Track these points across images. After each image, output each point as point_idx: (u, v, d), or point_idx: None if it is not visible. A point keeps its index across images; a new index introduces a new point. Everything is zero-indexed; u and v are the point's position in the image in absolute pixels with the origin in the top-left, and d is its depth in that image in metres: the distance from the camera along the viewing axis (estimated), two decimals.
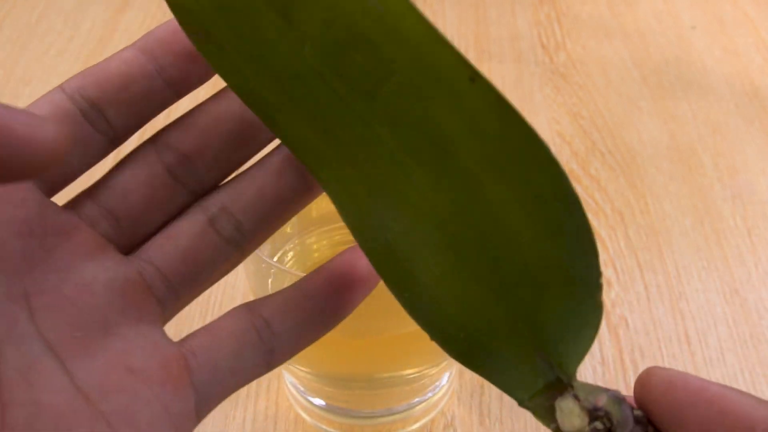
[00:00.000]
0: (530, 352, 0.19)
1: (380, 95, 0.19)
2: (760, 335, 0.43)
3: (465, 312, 0.20)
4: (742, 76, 0.61)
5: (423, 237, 0.19)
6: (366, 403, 0.38)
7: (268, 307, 0.22)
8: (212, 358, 0.21)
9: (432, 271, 0.20)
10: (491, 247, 0.19)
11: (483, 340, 0.20)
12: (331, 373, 0.37)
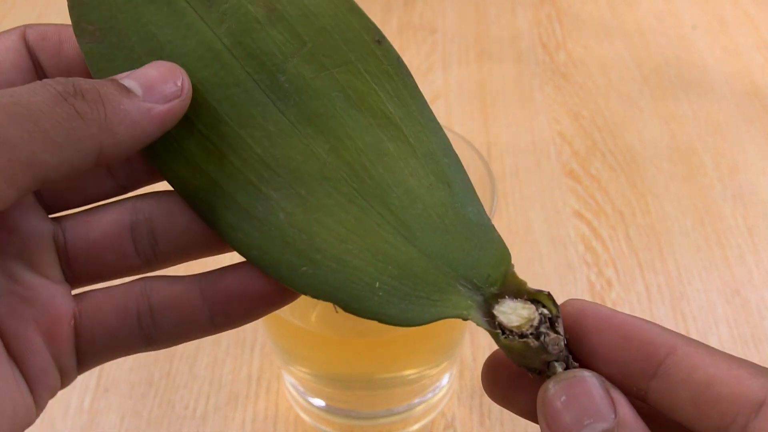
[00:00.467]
0: (450, 282, 0.21)
1: (289, 68, 0.21)
2: (762, 335, 0.43)
3: (376, 261, 0.21)
4: (742, 75, 0.61)
5: (323, 200, 0.21)
6: (366, 403, 0.38)
7: (158, 295, 0.22)
8: (94, 328, 0.21)
9: (333, 230, 0.21)
10: (394, 197, 0.21)
11: (398, 286, 0.21)
12: (331, 374, 0.37)
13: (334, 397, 0.38)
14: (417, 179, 0.21)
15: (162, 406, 0.40)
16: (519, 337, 0.21)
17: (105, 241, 0.21)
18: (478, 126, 0.56)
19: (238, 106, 0.21)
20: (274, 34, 0.21)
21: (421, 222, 0.21)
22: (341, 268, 0.21)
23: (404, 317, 0.21)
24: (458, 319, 0.22)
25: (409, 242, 0.21)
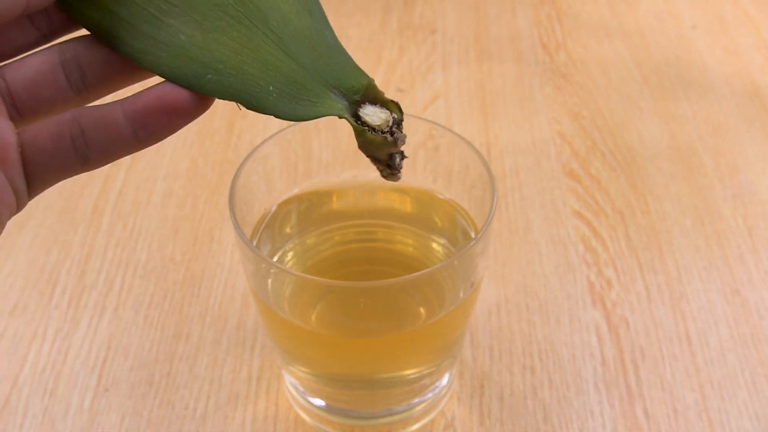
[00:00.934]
0: (323, 90, 0.27)
1: None
2: (761, 335, 0.43)
3: (266, 70, 0.26)
4: (742, 75, 0.61)
5: (215, 23, 0.25)
6: (366, 403, 0.38)
7: (88, 118, 0.25)
8: (35, 154, 0.25)
9: (229, 45, 0.25)
10: (272, 20, 0.26)
11: (286, 89, 0.26)
12: (331, 374, 0.37)
13: (334, 396, 0.38)
14: (287, 5, 0.26)
15: (162, 406, 0.40)
16: (380, 134, 0.27)
17: (40, 78, 0.25)
18: (478, 126, 0.56)
19: None
20: None
21: (295, 40, 0.26)
22: (240, 75, 0.25)
23: (294, 114, 0.26)
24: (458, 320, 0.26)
25: (289, 56, 0.26)
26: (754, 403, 0.40)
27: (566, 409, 0.40)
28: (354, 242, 0.33)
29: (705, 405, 0.40)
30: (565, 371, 0.41)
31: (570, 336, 0.43)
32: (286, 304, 0.35)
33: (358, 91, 0.27)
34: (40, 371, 0.41)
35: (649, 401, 0.40)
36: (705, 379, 0.41)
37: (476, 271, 0.33)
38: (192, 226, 0.49)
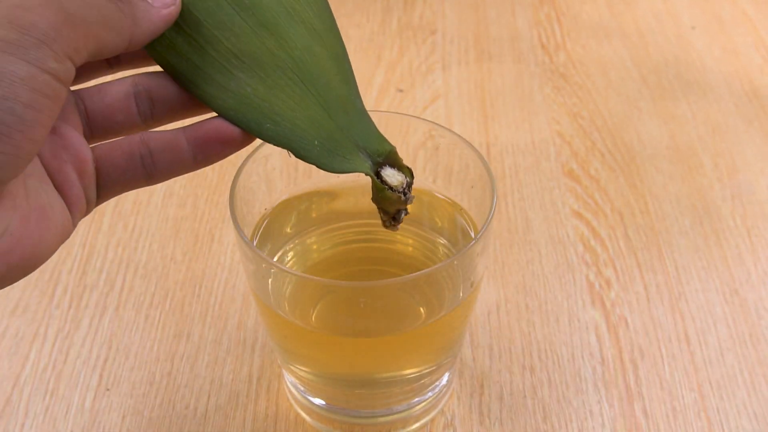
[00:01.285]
0: (355, 149, 0.31)
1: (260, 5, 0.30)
2: (760, 335, 0.43)
3: (314, 127, 0.30)
4: (741, 75, 0.61)
5: (276, 81, 0.30)
6: (366, 402, 0.38)
7: (156, 141, 0.29)
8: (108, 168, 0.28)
9: (285, 101, 0.30)
10: (320, 85, 0.30)
11: (327, 145, 0.30)
12: (331, 374, 0.37)
13: (334, 396, 0.38)
14: (332, 75, 0.30)
15: (163, 405, 0.40)
16: (396, 192, 0.31)
17: (115, 104, 0.29)
18: (478, 126, 0.56)
19: (213, 15, 0.29)
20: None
21: (335, 104, 0.30)
22: (293, 127, 0.29)
23: (332, 167, 0.30)
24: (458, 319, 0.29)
25: (330, 117, 0.30)
26: (753, 403, 0.40)
27: (566, 408, 0.40)
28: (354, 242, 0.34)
29: (704, 404, 0.40)
30: (565, 371, 0.41)
31: (569, 335, 0.43)
32: (286, 304, 0.35)
33: (382, 155, 0.31)
34: (41, 371, 0.42)
35: (648, 400, 0.40)
36: (704, 379, 0.41)
37: (476, 270, 0.34)
38: (192, 226, 0.49)
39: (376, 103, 0.57)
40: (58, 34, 0.24)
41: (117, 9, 0.26)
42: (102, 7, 0.25)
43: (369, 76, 0.60)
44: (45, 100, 0.24)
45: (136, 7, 0.27)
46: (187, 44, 0.29)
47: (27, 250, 0.25)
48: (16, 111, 0.23)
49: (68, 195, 0.27)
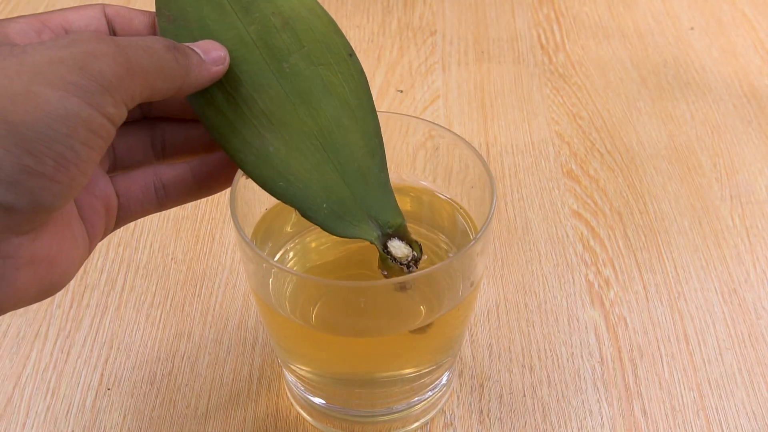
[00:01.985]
0: (365, 218, 0.32)
1: (290, 60, 0.32)
2: (758, 335, 0.43)
3: (326, 191, 0.31)
4: (740, 76, 0.61)
5: (299, 145, 0.32)
6: (366, 402, 0.38)
7: (167, 175, 0.32)
8: (128, 201, 0.32)
9: (303, 164, 0.31)
10: (342, 154, 0.32)
11: (336, 210, 0.31)
12: (331, 373, 0.37)
13: (334, 395, 0.38)
14: (357, 147, 0.32)
15: (164, 404, 0.40)
16: (399, 264, 0.32)
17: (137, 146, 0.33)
18: (478, 126, 0.57)
19: (253, 77, 0.32)
20: (284, 37, 0.32)
21: (355, 174, 0.32)
22: (304, 189, 0.31)
23: (336, 230, 0.31)
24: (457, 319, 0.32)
25: (346, 185, 0.32)
26: (752, 402, 0.40)
27: (565, 407, 0.40)
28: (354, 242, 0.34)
29: (702, 404, 0.40)
30: (564, 370, 0.41)
31: (569, 335, 0.43)
32: (286, 304, 0.35)
33: (392, 227, 0.32)
34: (42, 370, 0.42)
35: (647, 400, 0.40)
36: (703, 378, 0.41)
37: (476, 270, 0.34)
38: (193, 226, 0.49)
39: (376, 103, 0.57)
40: (120, 84, 0.26)
41: (174, 59, 0.28)
42: (161, 58, 0.27)
43: (369, 76, 0.60)
44: (98, 140, 0.26)
45: (191, 59, 0.29)
46: (224, 100, 0.31)
47: (57, 275, 0.28)
48: (75, 147, 0.25)
49: (92, 225, 0.30)
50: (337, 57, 0.32)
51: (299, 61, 0.32)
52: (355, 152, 0.32)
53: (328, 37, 0.33)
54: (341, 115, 0.32)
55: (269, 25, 0.32)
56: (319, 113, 0.32)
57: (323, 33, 0.33)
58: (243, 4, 0.32)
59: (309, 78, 0.32)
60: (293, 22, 0.32)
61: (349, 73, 0.33)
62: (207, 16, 0.32)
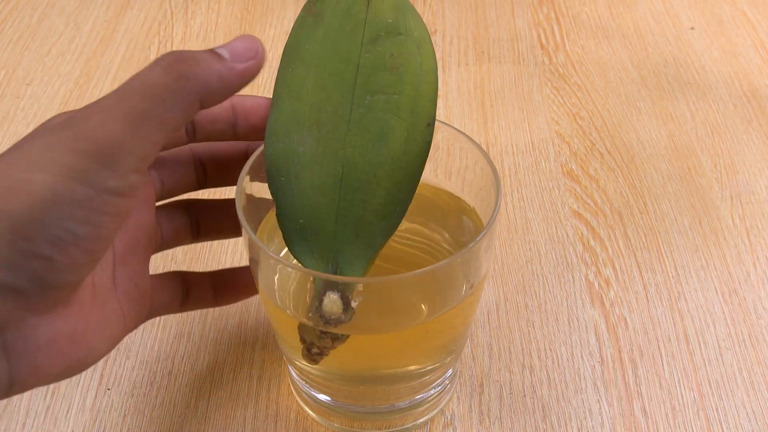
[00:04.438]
0: (329, 256, 0.31)
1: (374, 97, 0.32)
2: (759, 335, 0.43)
3: (312, 212, 0.31)
4: (740, 76, 0.61)
5: (323, 163, 0.32)
6: (368, 398, 0.38)
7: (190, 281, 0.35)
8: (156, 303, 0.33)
9: (312, 179, 0.32)
10: (354, 198, 0.32)
11: (307, 232, 0.31)
12: (335, 369, 0.37)
13: (337, 391, 0.38)
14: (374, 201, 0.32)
15: (164, 404, 0.40)
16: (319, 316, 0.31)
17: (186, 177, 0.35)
18: (477, 126, 0.57)
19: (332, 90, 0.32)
20: (386, 77, 0.33)
21: (351, 221, 0.31)
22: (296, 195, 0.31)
23: (294, 247, 0.31)
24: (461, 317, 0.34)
25: (335, 222, 0.31)
26: (752, 402, 0.40)
27: (565, 407, 0.40)
28: None
29: (702, 403, 0.40)
30: (564, 370, 0.41)
31: (569, 335, 0.43)
32: (290, 301, 0.35)
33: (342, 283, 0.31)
34: None
35: (648, 400, 0.40)
36: (703, 378, 0.41)
37: (480, 268, 0.34)
38: None
39: None
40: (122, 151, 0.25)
41: (177, 80, 0.26)
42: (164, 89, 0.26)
43: None
44: (102, 217, 0.25)
45: (203, 64, 0.27)
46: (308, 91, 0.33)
47: (83, 353, 0.28)
48: (72, 229, 0.24)
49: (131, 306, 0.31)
50: (416, 119, 0.32)
51: (383, 102, 0.32)
52: (369, 204, 0.32)
53: (422, 101, 0.33)
54: (381, 164, 0.32)
55: (382, 61, 0.33)
56: (363, 150, 0.32)
57: (421, 95, 0.33)
58: (374, 34, 0.33)
59: (379, 119, 0.32)
60: (403, 70, 0.33)
61: (416, 138, 0.32)
62: (341, 27, 0.33)
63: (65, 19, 0.68)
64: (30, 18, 0.68)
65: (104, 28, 0.66)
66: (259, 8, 0.68)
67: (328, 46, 0.33)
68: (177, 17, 0.67)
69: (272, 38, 0.65)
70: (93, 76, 0.61)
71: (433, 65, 0.33)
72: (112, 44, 0.65)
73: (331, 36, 0.33)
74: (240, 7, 0.68)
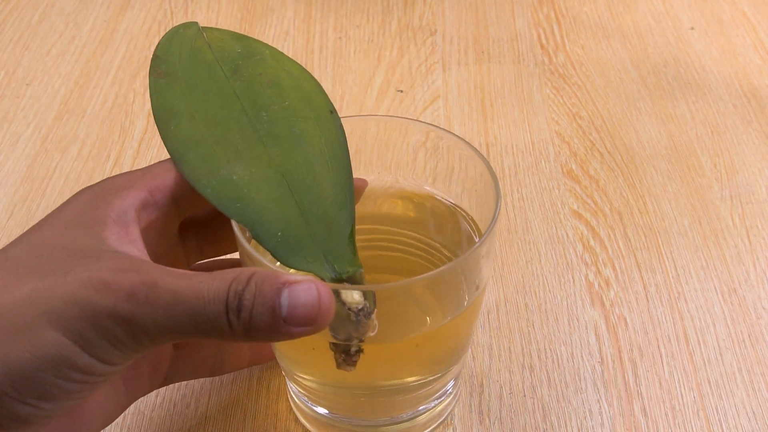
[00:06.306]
0: (320, 258, 0.31)
1: (270, 110, 0.34)
2: (758, 334, 0.43)
3: (283, 222, 0.31)
4: (740, 76, 0.61)
5: (264, 177, 0.32)
6: (369, 411, 0.37)
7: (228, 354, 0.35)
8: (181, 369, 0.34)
9: (265, 194, 0.32)
10: (308, 195, 0.32)
11: (290, 242, 0.31)
12: (335, 381, 0.36)
13: (338, 405, 0.37)
14: (326, 194, 0.32)
15: (164, 404, 0.40)
16: (347, 310, 0.29)
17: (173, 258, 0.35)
18: (477, 126, 0.57)
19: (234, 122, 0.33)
20: (268, 92, 0.34)
21: (319, 219, 0.32)
22: (261, 213, 0.31)
23: (288, 260, 0.31)
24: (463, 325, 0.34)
25: (307, 225, 0.31)
26: (752, 402, 0.40)
27: (565, 407, 0.40)
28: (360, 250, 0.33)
29: (702, 403, 0.40)
30: (564, 370, 0.41)
31: (569, 335, 0.43)
32: None
33: (347, 273, 0.31)
34: None
35: (647, 400, 0.40)
36: (703, 378, 0.41)
37: (481, 274, 0.33)
38: None
39: (376, 103, 0.57)
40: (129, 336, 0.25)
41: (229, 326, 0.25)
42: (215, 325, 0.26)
43: (369, 76, 0.60)
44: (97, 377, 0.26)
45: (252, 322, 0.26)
46: (199, 138, 0.33)
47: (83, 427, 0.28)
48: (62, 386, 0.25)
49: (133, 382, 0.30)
50: (317, 113, 0.34)
51: (279, 111, 0.34)
52: (323, 198, 0.32)
53: (311, 96, 0.34)
54: (314, 161, 0.33)
55: (255, 82, 0.34)
56: (290, 155, 0.33)
57: (307, 92, 0.35)
58: (233, 66, 0.35)
59: (286, 126, 0.33)
60: (279, 81, 0.35)
61: (328, 127, 0.34)
62: (196, 74, 0.34)
63: (65, 19, 0.68)
64: (30, 18, 0.68)
65: (104, 28, 0.66)
66: (259, 8, 0.68)
67: (198, 93, 0.34)
68: (177, 17, 0.67)
69: (272, 38, 0.65)
70: (93, 76, 0.62)
71: (299, 69, 0.35)
72: (112, 44, 0.65)
73: (194, 85, 0.34)
74: (240, 7, 0.68)
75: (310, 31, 0.66)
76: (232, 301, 0.25)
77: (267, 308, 0.25)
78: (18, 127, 0.57)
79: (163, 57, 0.35)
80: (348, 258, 0.31)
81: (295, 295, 0.25)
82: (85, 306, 0.24)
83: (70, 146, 0.55)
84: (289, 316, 0.25)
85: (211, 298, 0.25)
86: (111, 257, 0.26)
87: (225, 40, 0.36)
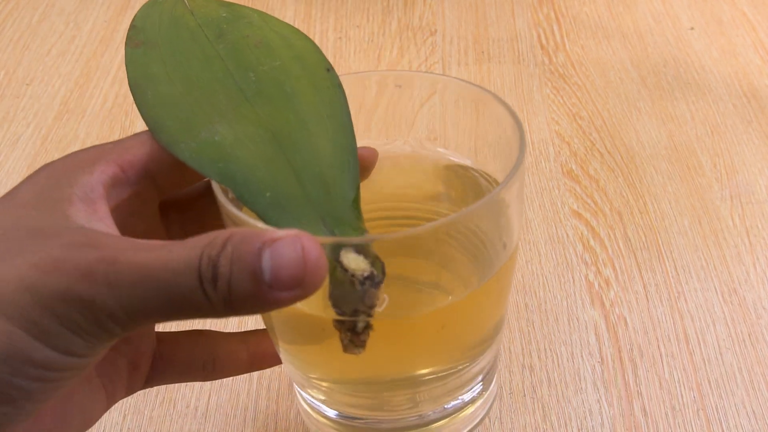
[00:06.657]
0: (317, 219, 0.27)
1: (259, 69, 0.30)
2: (758, 334, 0.43)
3: (272, 181, 0.28)
4: (740, 76, 0.61)
5: (250, 136, 0.28)
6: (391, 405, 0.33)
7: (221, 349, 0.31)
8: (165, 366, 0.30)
9: (252, 153, 0.28)
10: (303, 156, 0.28)
11: (282, 202, 0.27)
12: (353, 376, 0.33)
13: (356, 404, 0.34)
14: (324, 155, 0.29)
15: (164, 404, 0.40)
16: (350, 277, 0.25)
17: None
18: None
19: (217, 83, 0.30)
20: (256, 53, 0.31)
21: (314, 179, 0.28)
22: (247, 172, 0.27)
23: (280, 222, 0.27)
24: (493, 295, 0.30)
25: (300, 185, 0.28)
26: (752, 401, 0.40)
27: (565, 407, 0.40)
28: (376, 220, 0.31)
29: (702, 403, 0.40)
30: (564, 370, 0.41)
31: (569, 335, 0.43)
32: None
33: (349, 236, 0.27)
34: None
35: (647, 399, 0.40)
36: (703, 378, 0.41)
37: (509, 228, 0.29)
38: None
39: (374, 102, 0.57)
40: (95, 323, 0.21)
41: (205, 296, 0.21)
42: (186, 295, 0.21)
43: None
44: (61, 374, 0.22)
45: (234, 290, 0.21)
46: (182, 98, 0.29)
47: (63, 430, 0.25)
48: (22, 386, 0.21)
49: (110, 381, 0.27)
50: (311, 71, 0.31)
51: (269, 72, 0.30)
52: (320, 158, 0.28)
53: (304, 54, 0.31)
54: (308, 119, 0.29)
55: (241, 44, 0.31)
56: (281, 113, 0.29)
57: (299, 51, 0.31)
58: (217, 30, 0.32)
59: (276, 85, 0.30)
60: (268, 41, 0.31)
61: (324, 85, 0.30)
62: (177, 39, 0.31)
63: (65, 19, 0.68)
64: (30, 18, 0.68)
65: (104, 28, 0.66)
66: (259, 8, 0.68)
67: (178, 57, 0.30)
68: None
69: None
70: (93, 76, 0.62)
71: (290, 29, 0.32)
72: (112, 44, 0.65)
73: (174, 50, 0.31)
74: None
75: (310, 31, 0.66)
76: (206, 269, 0.21)
77: (247, 274, 0.21)
78: (18, 127, 0.57)
79: (140, 26, 0.31)
80: (350, 222, 0.27)
81: (278, 254, 0.21)
82: (36, 291, 0.21)
83: (70, 146, 0.55)
84: (274, 280, 0.21)
85: (181, 269, 0.21)
86: (70, 233, 0.23)
87: (209, 6, 0.33)
